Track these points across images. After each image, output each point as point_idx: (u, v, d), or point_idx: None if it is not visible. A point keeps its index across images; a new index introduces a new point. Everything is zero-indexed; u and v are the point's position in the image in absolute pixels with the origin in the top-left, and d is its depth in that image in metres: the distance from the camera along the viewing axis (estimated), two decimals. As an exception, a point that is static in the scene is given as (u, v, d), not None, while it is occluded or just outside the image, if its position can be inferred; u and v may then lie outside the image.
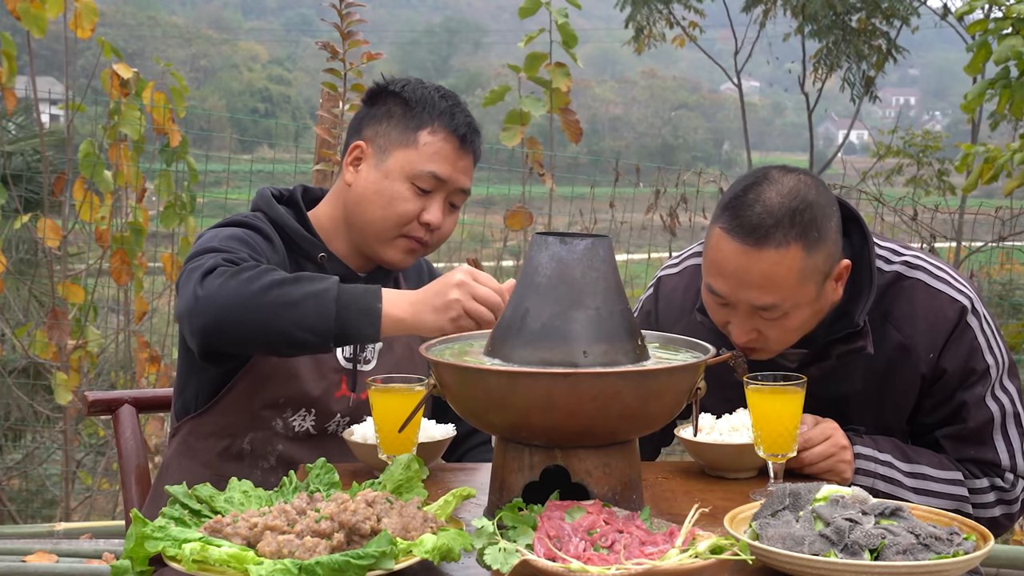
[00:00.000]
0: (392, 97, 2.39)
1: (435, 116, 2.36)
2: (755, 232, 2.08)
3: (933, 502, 2.18)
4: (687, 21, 12.31)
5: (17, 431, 6.08)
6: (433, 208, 2.35)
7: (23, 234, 5.69)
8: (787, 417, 1.99)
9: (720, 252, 2.13)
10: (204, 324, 2.06)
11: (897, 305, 2.26)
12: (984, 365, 2.25)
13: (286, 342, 2.06)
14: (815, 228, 2.10)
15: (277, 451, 2.34)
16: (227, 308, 2.04)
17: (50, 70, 15.94)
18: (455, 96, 2.43)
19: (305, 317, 2.02)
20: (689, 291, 2.43)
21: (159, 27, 51.10)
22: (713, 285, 2.16)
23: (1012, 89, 4.76)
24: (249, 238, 2.28)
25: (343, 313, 2.02)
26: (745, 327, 2.17)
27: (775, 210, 2.09)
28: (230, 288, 2.04)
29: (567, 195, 5.91)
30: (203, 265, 2.10)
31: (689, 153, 42.42)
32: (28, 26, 4.55)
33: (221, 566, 1.55)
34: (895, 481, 2.20)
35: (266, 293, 2.03)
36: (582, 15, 5.56)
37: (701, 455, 2.18)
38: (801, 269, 2.10)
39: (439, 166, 2.34)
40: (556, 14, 4.54)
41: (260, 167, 6.35)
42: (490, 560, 1.54)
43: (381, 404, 1.99)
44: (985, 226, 6.17)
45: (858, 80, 11.88)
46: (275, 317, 2.03)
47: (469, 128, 2.38)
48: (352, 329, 2.03)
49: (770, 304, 2.12)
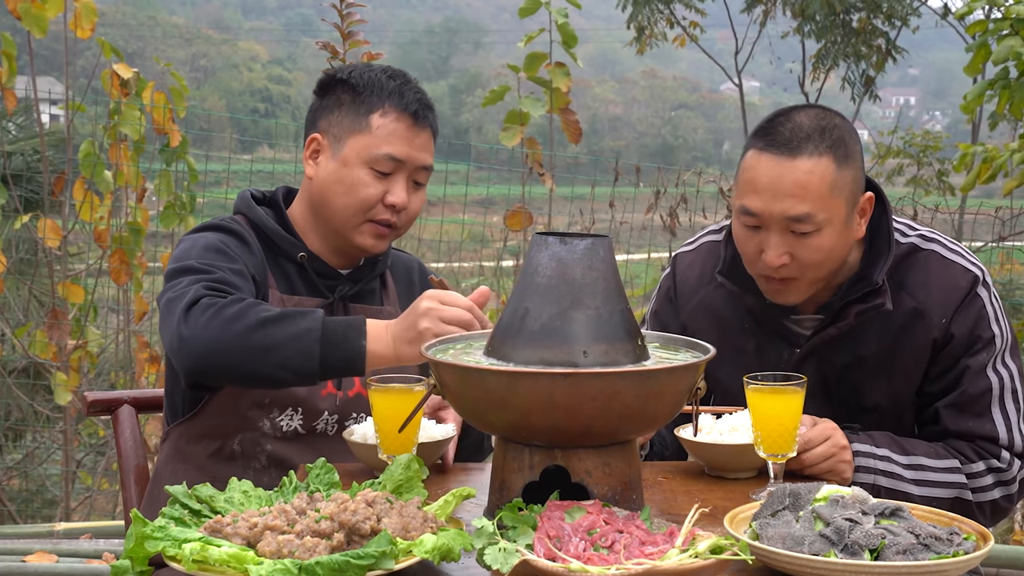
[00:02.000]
0: (340, 85, 2.39)
1: (384, 97, 2.34)
2: (789, 144, 2.20)
3: (934, 492, 2.23)
4: (687, 21, 12.31)
5: (17, 431, 6.08)
6: (396, 189, 2.34)
7: (23, 234, 5.69)
8: (787, 417, 1.99)
9: (755, 170, 2.23)
10: (190, 366, 2.10)
11: (912, 274, 2.34)
12: (990, 334, 2.31)
13: (271, 382, 2.13)
14: (843, 144, 2.23)
15: (267, 451, 2.33)
16: (212, 352, 2.06)
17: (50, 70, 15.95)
18: (404, 74, 2.42)
19: (289, 360, 2.05)
20: (706, 265, 2.47)
21: (159, 27, 51.10)
22: (748, 205, 2.23)
23: (1011, 90, 4.76)
24: (225, 246, 2.29)
25: (327, 353, 2.05)
26: (779, 249, 2.22)
27: (806, 126, 2.22)
28: (213, 329, 2.06)
29: (567, 195, 5.91)
30: (186, 296, 2.11)
31: (689, 153, 42.46)
32: (29, 26, 4.55)
33: (221, 566, 1.55)
34: (895, 475, 2.23)
35: (250, 335, 2.05)
36: (582, 15, 5.56)
37: (701, 455, 2.18)
38: (833, 180, 2.20)
39: (395, 147, 2.33)
40: (556, 14, 4.55)
41: (260, 167, 6.36)
42: (490, 560, 1.54)
43: (381, 404, 1.99)
44: (985, 226, 6.17)
45: (858, 80, 11.89)
46: (260, 360, 2.05)
47: (420, 104, 2.36)
48: (336, 369, 2.07)
49: (804, 214, 2.19)
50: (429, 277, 2.25)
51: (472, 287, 6.19)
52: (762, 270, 2.27)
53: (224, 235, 2.33)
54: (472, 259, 6.65)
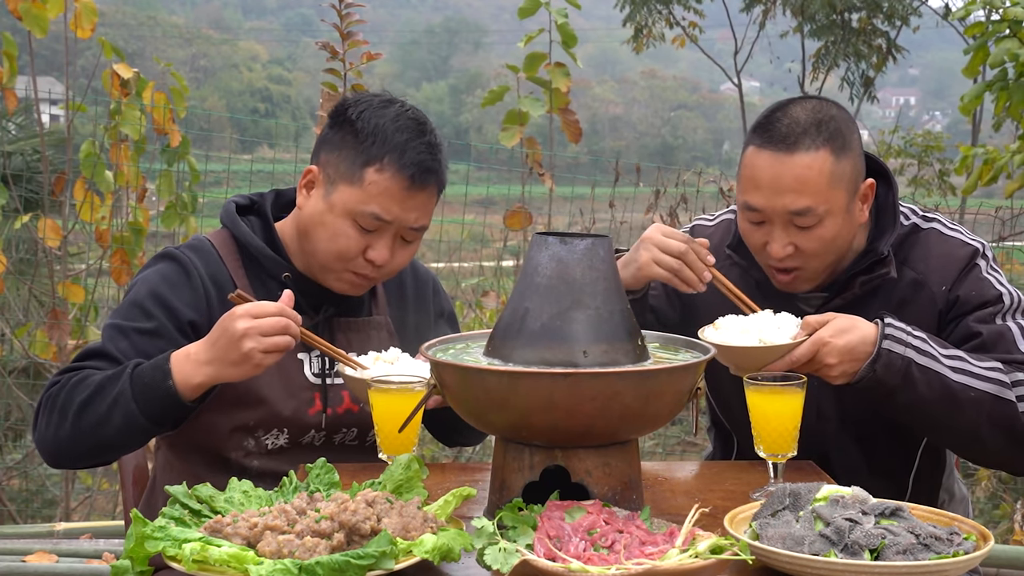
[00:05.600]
0: (347, 125, 2.26)
1: (385, 152, 2.21)
2: (786, 139, 2.23)
3: (974, 383, 2.17)
4: (687, 21, 12.31)
5: (17, 431, 6.08)
6: (378, 246, 2.24)
7: (23, 234, 5.69)
8: (787, 417, 2.00)
9: (755, 167, 2.26)
10: (53, 464, 2.24)
11: (913, 251, 2.37)
12: (996, 292, 2.31)
13: (124, 447, 2.23)
14: (840, 136, 2.25)
15: (254, 466, 2.30)
16: (58, 450, 2.17)
17: (49, 70, 15.94)
18: (416, 123, 2.26)
19: (120, 426, 2.11)
20: (722, 242, 2.48)
21: (159, 27, 51.07)
22: (750, 201, 2.27)
23: (1009, 91, 4.77)
24: (167, 285, 2.26)
25: (145, 407, 2.10)
26: (783, 241, 2.26)
27: (802, 120, 2.25)
28: (52, 428, 2.15)
29: (567, 195, 5.91)
30: (43, 399, 2.19)
31: (689, 153, 42.42)
32: (30, 26, 4.54)
33: (221, 566, 1.55)
34: (931, 355, 2.17)
35: (79, 421, 2.12)
36: (582, 15, 5.56)
37: (729, 358, 2.18)
38: (831, 173, 2.23)
39: (383, 207, 2.21)
40: (556, 14, 4.55)
41: (260, 167, 6.35)
42: (490, 560, 1.54)
43: (381, 404, 2.00)
44: (985, 226, 6.17)
45: (857, 80, 11.89)
46: (99, 436, 2.13)
47: (419, 168, 2.22)
48: (162, 415, 2.12)
49: (805, 207, 2.22)
50: (229, 296, 2.11)
51: (472, 287, 6.20)
52: (768, 261, 2.31)
53: (171, 268, 2.29)
54: (472, 259, 6.65)
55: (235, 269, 2.33)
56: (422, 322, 2.49)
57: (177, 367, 2.08)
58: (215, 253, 2.33)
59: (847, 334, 2.14)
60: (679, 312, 2.52)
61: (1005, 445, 2.20)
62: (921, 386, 2.14)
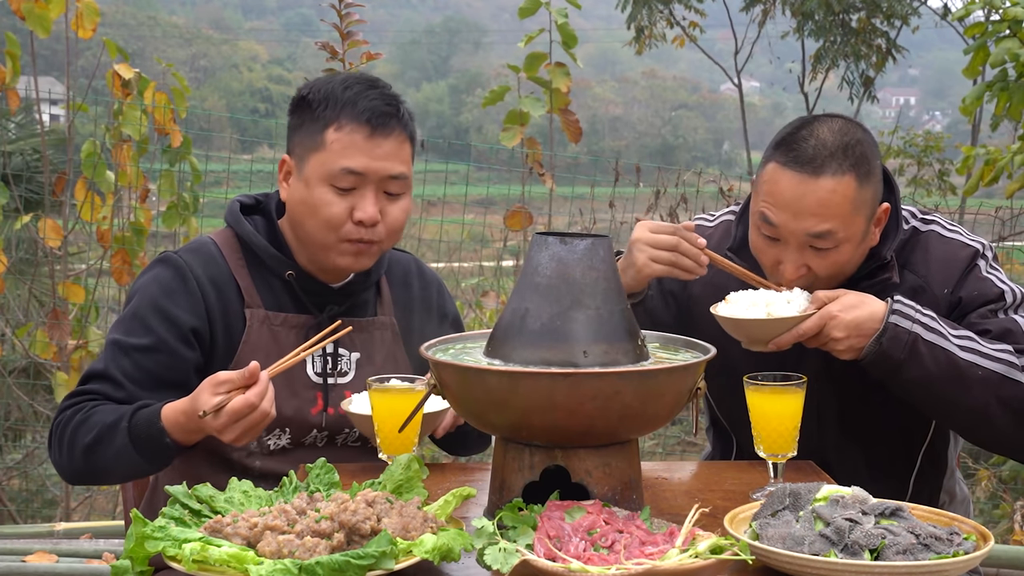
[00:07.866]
0: (301, 104, 2.29)
1: (338, 110, 2.23)
2: (812, 162, 2.19)
3: (982, 361, 2.16)
4: (687, 21, 12.32)
5: (17, 431, 6.08)
6: (362, 204, 2.23)
7: (24, 234, 5.69)
8: (787, 417, 2.00)
9: (777, 184, 2.23)
10: (74, 483, 2.36)
11: (914, 254, 2.37)
12: (998, 291, 2.30)
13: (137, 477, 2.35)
14: (866, 162, 2.22)
15: (256, 466, 2.31)
16: (76, 474, 2.25)
17: (50, 70, 15.95)
18: (366, 81, 2.28)
19: (128, 471, 2.21)
20: (721, 243, 2.48)
21: (159, 27, 51.09)
22: (769, 216, 2.24)
23: (1010, 91, 4.77)
24: (165, 293, 2.26)
25: (149, 457, 2.14)
26: (797, 263, 2.24)
27: (829, 143, 2.21)
28: (64, 465, 2.23)
29: (567, 195, 5.91)
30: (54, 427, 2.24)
31: (689, 153, 42.43)
32: (32, 26, 4.54)
33: (221, 566, 1.55)
34: (939, 332, 2.16)
35: (87, 461, 2.18)
36: (582, 15, 5.57)
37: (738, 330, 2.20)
38: (855, 199, 2.20)
39: (352, 160, 2.21)
40: (556, 14, 4.55)
41: (260, 167, 6.35)
42: (490, 560, 1.54)
43: (381, 404, 2.00)
44: (985, 226, 6.17)
45: (857, 79, 11.89)
46: (110, 476, 2.24)
47: (374, 113, 2.23)
48: (166, 460, 2.17)
49: (826, 231, 2.20)
50: (198, 415, 2.02)
51: (472, 287, 6.21)
52: (779, 280, 2.29)
53: (167, 275, 2.29)
54: (472, 259, 6.65)
55: (238, 268, 2.33)
56: (427, 324, 2.49)
57: (170, 427, 2.10)
58: (217, 253, 2.33)
59: (855, 309, 2.16)
60: (674, 312, 2.52)
61: (1014, 427, 2.19)
62: (928, 361, 2.13)
